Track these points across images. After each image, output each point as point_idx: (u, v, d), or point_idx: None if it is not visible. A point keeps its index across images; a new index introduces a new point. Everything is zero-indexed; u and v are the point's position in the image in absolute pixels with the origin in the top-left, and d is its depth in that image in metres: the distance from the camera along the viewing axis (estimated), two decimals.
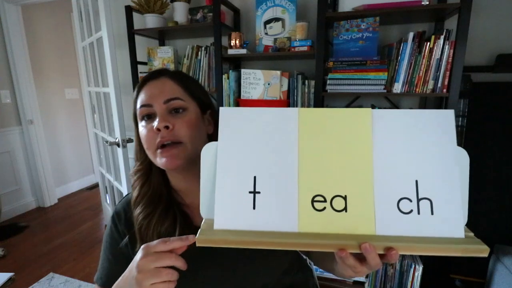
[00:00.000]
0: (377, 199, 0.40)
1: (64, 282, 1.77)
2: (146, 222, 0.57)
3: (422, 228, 0.39)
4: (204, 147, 0.44)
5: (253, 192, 0.42)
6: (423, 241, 0.38)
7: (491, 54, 1.41)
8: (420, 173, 0.40)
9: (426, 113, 0.41)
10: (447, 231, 0.39)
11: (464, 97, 1.38)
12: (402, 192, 0.40)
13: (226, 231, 0.41)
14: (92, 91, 2.06)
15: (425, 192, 0.40)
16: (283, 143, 0.42)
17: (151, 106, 0.56)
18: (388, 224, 0.39)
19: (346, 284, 1.54)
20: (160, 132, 0.54)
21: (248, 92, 1.58)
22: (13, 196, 2.67)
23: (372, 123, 0.41)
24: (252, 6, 1.72)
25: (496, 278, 1.34)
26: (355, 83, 1.33)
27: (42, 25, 2.87)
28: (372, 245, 0.37)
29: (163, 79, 0.59)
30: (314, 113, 0.42)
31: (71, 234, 2.33)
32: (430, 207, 0.39)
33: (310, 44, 1.44)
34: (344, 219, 0.40)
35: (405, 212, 0.40)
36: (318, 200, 0.41)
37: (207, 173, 0.44)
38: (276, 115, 0.43)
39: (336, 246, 0.39)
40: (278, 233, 0.40)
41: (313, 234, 0.40)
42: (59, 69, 3.07)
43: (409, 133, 0.41)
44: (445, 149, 0.40)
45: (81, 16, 1.93)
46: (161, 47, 1.79)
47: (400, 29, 1.53)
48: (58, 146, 3.08)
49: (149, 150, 0.57)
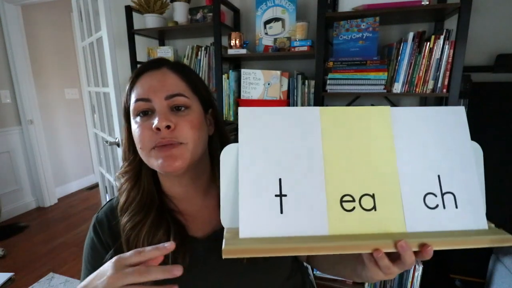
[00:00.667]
0: (404, 196, 0.40)
1: (64, 282, 1.77)
2: (135, 232, 0.50)
3: (448, 222, 0.39)
4: (224, 149, 0.41)
5: (280, 195, 0.39)
6: (452, 235, 0.38)
7: (491, 54, 1.41)
8: (441, 167, 0.41)
9: (441, 109, 0.42)
10: (472, 223, 0.39)
11: (464, 97, 1.38)
12: (427, 187, 0.40)
13: (253, 239, 0.37)
14: (92, 91, 2.06)
15: (448, 186, 0.40)
16: (307, 143, 0.41)
17: (149, 101, 0.49)
18: (417, 221, 0.39)
19: (346, 284, 1.54)
20: (159, 132, 0.47)
21: (248, 92, 1.58)
22: (13, 196, 2.67)
23: (392, 120, 0.42)
24: (252, 6, 1.72)
25: (496, 278, 1.34)
26: (355, 83, 1.33)
27: (42, 25, 2.87)
28: (407, 242, 0.36)
29: (164, 70, 0.52)
30: (334, 112, 0.42)
31: (71, 234, 2.33)
32: (454, 201, 0.40)
33: (310, 44, 1.44)
34: (375, 218, 0.39)
35: (432, 207, 0.40)
36: (346, 200, 0.39)
37: (228, 178, 0.41)
38: (297, 114, 0.42)
39: (371, 247, 0.37)
40: (309, 237, 0.38)
41: (345, 235, 0.38)
42: (59, 69, 3.07)
43: (427, 129, 0.42)
44: (462, 143, 0.41)
45: (81, 16, 1.93)
46: (161, 47, 1.79)
47: (400, 29, 1.53)
48: (58, 146, 3.08)
49: (144, 150, 0.50)
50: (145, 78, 0.52)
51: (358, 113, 0.42)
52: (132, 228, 0.51)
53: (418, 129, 0.42)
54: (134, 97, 0.51)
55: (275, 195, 0.39)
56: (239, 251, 0.36)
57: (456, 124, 0.42)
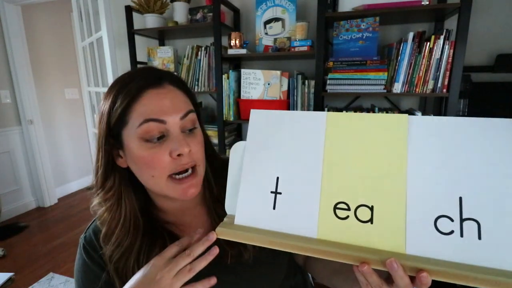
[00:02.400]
0: (409, 214, 0.35)
1: (64, 282, 1.77)
2: (123, 262, 0.48)
3: (465, 253, 0.33)
4: (233, 146, 0.45)
5: (275, 192, 0.41)
6: (464, 269, 0.32)
7: (491, 54, 1.41)
8: (466, 189, 0.34)
9: (481, 121, 0.35)
10: (498, 261, 0.32)
11: (464, 97, 1.38)
12: (441, 209, 0.34)
13: (246, 227, 0.41)
14: (92, 91, 2.06)
15: (472, 212, 0.34)
16: (309, 146, 0.41)
17: (163, 123, 0.45)
18: (421, 243, 0.34)
19: None
20: (180, 157, 0.45)
21: (248, 92, 1.58)
22: (13, 196, 2.67)
23: (409, 130, 0.37)
24: (252, 6, 1.72)
25: None
26: (355, 83, 1.33)
27: (42, 25, 2.87)
28: (398, 262, 0.32)
29: (168, 87, 0.47)
30: (343, 118, 0.41)
31: (71, 234, 2.33)
32: (478, 230, 0.33)
33: (310, 44, 1.44)
34: (369, 232, 0.36)
35: (445, 232, 0.34)
36: (341, 207, 0.38)
37: (234, 170, 0.45)
38: (303, 118, 0.42)
39: (357, 259, 0.35)
40: (297, 236, 0.39)
41: (333, 242, 0.37)
42: (59, 69, 3.07)
43: (455, 142, 0.35)
44: (504, 164, 0.34)
45: (81, 16, 1.93)
46: (161, 47, 1.79)
47: (400, 29, 1.53)
48: (58, 146, 3.08)
49: (158, 178, 0.46)
50: (150, 95, 0.45)
51: (370, 120, 0.39)
52: (119, 258, 0.49)
53: (443, 142, 0.36)
54: (140, 118, 0.44)
55: (271, 192, 0.41)
56: (230, 235, 0.40)
57: (501, 140, 0.34)
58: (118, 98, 0.46)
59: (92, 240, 0.53)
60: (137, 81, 0.46)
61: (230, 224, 0.42)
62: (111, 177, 0.49)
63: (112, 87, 0.48)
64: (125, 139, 0.46)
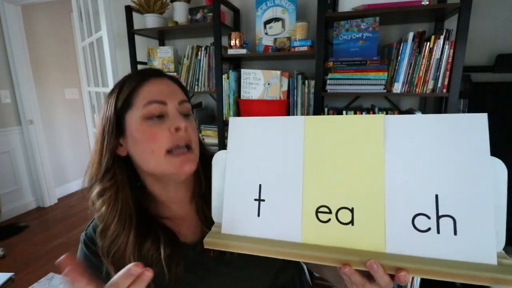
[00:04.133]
0: (388, 214, 0.36)
1: (64, 282, 1.77)
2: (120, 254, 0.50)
3: (442, 249, 0.34)
4: (216, 154, 0.46)
5: (258, 199, 0.42)
6: (441, 264, 0.33)
7: (491, 54, 1.41)
8: (441, 186, 0.35)
9: (452, 117, 0.36)
10: (474, 255, 0.33)
11: (464, 97, 1.38)
12: (418, 207, 0.35)
13: (232, 236, 0.42)
14: (92, 91, 2.06)
15: (447, 208, 0.35)
16: (289, 151, 0.41)
17: (165, 104, 0.51)
18: (400, 242, 0.35)
19: None
20: (178, 132, 0.50)
21: (248, 92, 1.58)
22: (13, 196, 2.67)
23: (385, 130, 0.38)
24: (252, 6, 1.72)
25: None
26: (355, 83, 1.33)
27: (42, 25, 2.87)
28: (378, 263, 0.34)
29: (166, 80, 0.55)
30: (320, 121, 0.41)
31: (71, 234, 2.33)
32: (453, 226, 0.34)
33: (310, 44, 1.44)
34: (350, 233, 0.37)
35: (422, 230, 0.35)
36: (322, 211, 0.39)
37: (218, 179, 0.45)
38: (282, 123, 0.42)
39: (339, 261, 0.36)
40: (282, 242, 0.39)
41: (317, 246, 0.38)
42: (59, 69, 3.07)
43: (430, 141, 0.36)
44: (475, 159, 0.34)
45: (81, 16, 1.93)
46: (161, 47, 1.79)
47: (400, 29, 1.53)
48: (58, 146, 3.08)
49: (156, 154, 0.50)
50: (153, 83, 0.53)
51: (346, 122, 0.40)
52: (116, 251, 0.51)
53: (418, 141, 0.36)
54: (144, 100, 0.51)
55: (255, 199, 0.42)
56: (218, 245, 0.41)
57: (472, 135, 0.35)
58: (124, 85, 0.52)
59: (92, 236, 0.56)
60: (142, 73, 0.55)
61: (217, 233, 0.43)
62: (112, 167, 0.53)
63: (117, 83, 0.55)
64: (128, 121, 0.52)
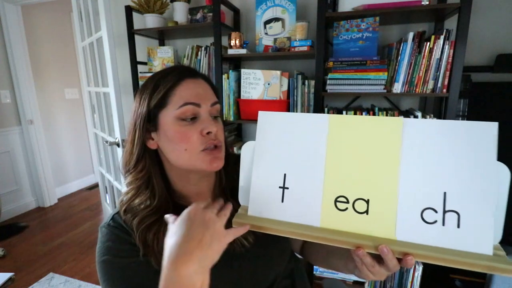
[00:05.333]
0: (400, 207, 0.41)
1: (64, 282, 1.77)
2: (154, 230, 0.53)
3: (445, 239, 0.39)
4: (244, 145, 0.51)
5: (283, 187, 0.47)
6: (443, 252, 0.38)
7: (491, 54, 1.41)
8: (450, 185, 0.40)
9: (465, 124, 0.40)
10: (473, 245, 0.38)
11: (464, 97, 1.38)
12: (427, 202, 0.40)
13: (257, 218, 0.47)
14: (92, 91, 2.06)
15: (453, 205, 0.39)
16: (313, 146, 0.46)
17: (199, 106, 0.54)
18: (409, 231, 0.40)
19: (346, 284, 1.54)
20: (209, 135, 0.54)
21: (248, 92, 1.57)
22: (13, 196, 2.67)
23: (403, 132, 0.42)
24: (252, 6, 1.72)
25: (496, 278, 1.34)
26: (355, 83, 1.33)
27: (42, 25, 2.87)
28: (388, 247, 0.39)
29: (201, 80, 0.57)
30: (343, 120, 0.45)
31: (71, 234, 2.33)
32: (457, 220, 0.39)
33: (310, 44, 1.44)
34: (365, 221, 0.42)
35: (429, 222, 0.40)
36: (341, 200, 0.44)
37: (246, 167, 0.50)
38: (308, 120, 0.47)
39: (353, 244, 0.41)
40: (302, 225, 0.44)
41: (333, 230, 0.43)
42: (59, 69, 3.07)
43: (442, 143, 0.40)
44: (482, 163, 0.39)
45: (81, 16, 1.93)
46: (161, 47, 1.79)
47: (400, 29, 1.53)
48: (58, 146, 3.08)
49: (190, 152, 0.53)
50: (188, 84, 0.55)
51: (368, 122, 0.43)
52: (150, 225, 0.53)
53: (433, 143, 0.40)
54: (180, 101, 0.53)
55: (279, 187, 0.47)
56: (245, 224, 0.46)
57: (481, 141, 0.39)
58: (160, 84, 0.54)
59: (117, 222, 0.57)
60: (177, 72, 0.55)
61: (244, 215, 0.48)
62: (143, 158, 0.57)
63: (151, 79, 0.56)
64: (162, 119, 0.54)
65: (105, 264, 0.52)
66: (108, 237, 0.55)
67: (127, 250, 0.53)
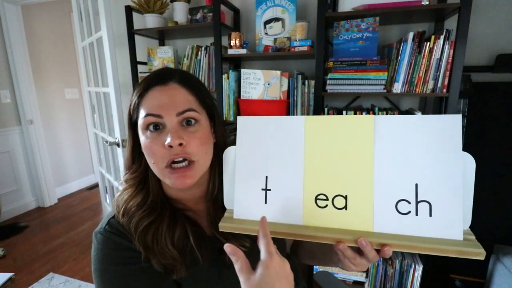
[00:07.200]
0: (376, 200, 0.43)
1: (64, 282, 1.77)
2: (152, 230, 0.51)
3: (419, 228, 0.41)
4: (225, 151, 0.51)
5: (265, 189, 0.48)
6: (418, 240, 0.40)
7: (491, 54, 1.41)
8: (420, 177, 0.42)
9: (430, 118, 0.42)
10: (445, 232, 0.40)
11: (464, 97, 1.38)
12: (401, 194, 0.42)
13: (243, 221, 0.49)
14: (92, 91, 2.06)
15: (425, 195, 0.42)
16: (291, 147, 0.47)
17: (160, 117, 0.49)
18: (385, 223, 0.43)
19: (346, 284, 1.54)
20: (171, 149, 0.48)
21: (248, 92, 1.57)
22: (13, 196, 2.67)
23: (375, 128, 0.44)
24: (252, 6, 1.72)
25: (496, 278, 1.34)
26: (355, 83, 1.33)
27: (42, 25, 2.87)
28: (367, 240, 0.41)
29: (172, 86, 0.51)
30: (319, 121, 0.46)
31: (71, 234, 2.33)
32: (429, 209, 0.41)
33: (310, 44, 1.44)
34: (344, 216, 0.44)
35: (403, 213, 0.42)
36: (321, 198, 0.46)
37: (229, 172, 0.51)
38: (285, 122, 0.48)
39: (334, 239, 0.44)
40: (286, 225, 0.46)
41: (316, 227, 0.45)
42: (59, 69, 3.07)
43: (412, 138, 0.42)
44: (449, 154, 0.41)
45: (81, 16, 1.93)
46: (161, 47, 1.79)
47: (400, 29, 1.53)
48: (58, 146, 3.08)
49: (156, 165, 0.51)
50: (153, 93, 0.51)
51: (342, 121, 0.45)
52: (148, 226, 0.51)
53: (403, 138, 0.43)
54: (143, 112, 0.50)
55: (262, 189, 0.49)
56: (232, 228, 0.48)
57: (448, 133, 0.41)
58: (134, 93, 0.54)
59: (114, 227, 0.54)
60: (148, 80, 0.53)
61: (230, 218, 0.49)
62: (137, 161, 0.56)
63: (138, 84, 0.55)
64: (138, 128, 0.53)
65: (104, 273, 0.50)
66: (105, 243, 0.51)
67: (127, 257, 0.51)
